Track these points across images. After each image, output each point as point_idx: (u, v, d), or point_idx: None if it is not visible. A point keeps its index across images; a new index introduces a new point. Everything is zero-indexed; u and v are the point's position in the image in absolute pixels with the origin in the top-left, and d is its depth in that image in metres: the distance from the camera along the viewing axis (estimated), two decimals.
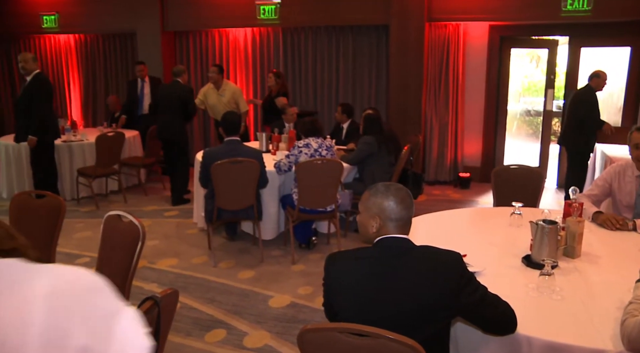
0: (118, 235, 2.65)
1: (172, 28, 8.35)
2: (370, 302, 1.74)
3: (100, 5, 8.63)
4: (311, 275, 4.30)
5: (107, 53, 9.23)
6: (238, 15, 7.82)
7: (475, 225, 3.19)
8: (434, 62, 7.24)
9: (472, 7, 6.78)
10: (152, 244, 4.95)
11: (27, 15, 9.22)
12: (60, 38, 9.52)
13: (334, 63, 7.81)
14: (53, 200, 3.11)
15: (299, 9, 7.51)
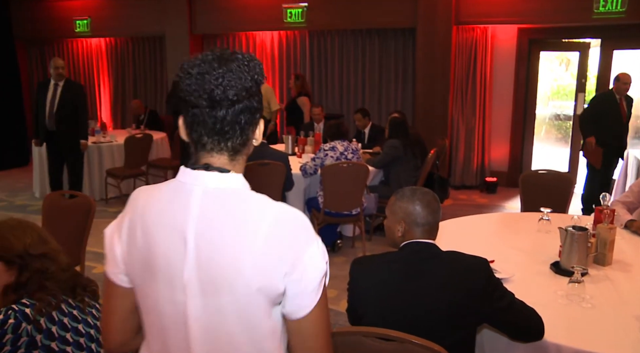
0: None
1: (200, 31, 8.45)
2: (396, 307, 1.73)
3: (130, 9, 8.80)
4: (335, 278, 4.28)
5: (136, 56, 9.40)
6: (265, 18, 7.88)
7: (503, 231, 3.15)
8: (461, 65, 7.18)
9: (500, 10, 6.70)
10: None
11: (61, 20, 9.46)
12: (92, 42, 9.73)
13: (360, 66, 7.80)
14: (84, 201, 3.19)
15: (326, 12, 7.52)
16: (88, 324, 1.65)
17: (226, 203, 1.09)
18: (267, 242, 1.05)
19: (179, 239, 1.08)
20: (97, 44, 9.72)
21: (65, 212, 3.21)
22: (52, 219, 3.22)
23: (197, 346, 1.11)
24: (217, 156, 1.12)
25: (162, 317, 1.13)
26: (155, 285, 1.11)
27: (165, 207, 1.11)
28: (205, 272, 1.06)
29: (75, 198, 3.27)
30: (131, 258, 1.15)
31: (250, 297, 1.06)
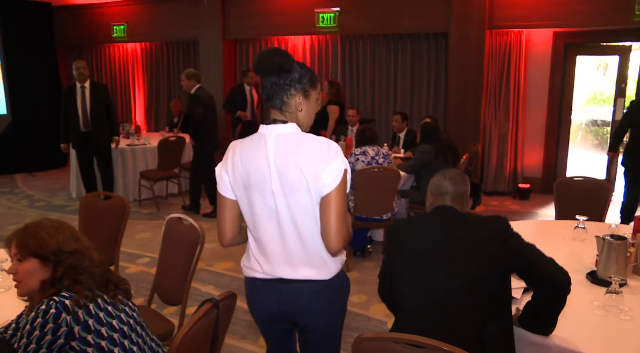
0: (178, 237, 2.73)
1: (233, 36, 8.56)
2: (432, 263, 1.89)
3: (165, 15, 8.97)
4: (365, 283, 4.28)
5: (170, 60, 9.57)
6: (297, 23, 7.93)
7: (536, 238, 3.07)
8: (494, 70, 7.09)
9: (536, 14, 6.59)
10: (210, 247, 5.07)
11: (99, 25, 9.73)
12: (128, 46, 9.95)
13: (392, 71, 7.77)
14: (118, 202, 3.25)
15: (358, 17, 7.53)
16: (121, 321, 1.70)
17: (288, 140, 1.79)
18: (313, 155, 1.75)
19: (265, 165, 1.79)
20: (133, 49, 9.94)
21: (100, 213, 3.28)
22: (88, 219, 3.29)
23: (286, 227, 1.82)
24: (278, 114, 1.84)
25: (261, 217, 1.85)
26: (254, 196, 1.83)
27: (255, 147, 1.82)
28: (285, 181, 1.77)
29: (110, 200, 3.34)
30: (236, 180, 1.85)
31: (308, 190, 1.76)
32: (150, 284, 2.94)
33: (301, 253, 1.84)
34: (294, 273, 1.86)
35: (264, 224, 1.85)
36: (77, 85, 6.02)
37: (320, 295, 1.89)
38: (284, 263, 1.86)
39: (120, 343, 1.66)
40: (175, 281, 2.69)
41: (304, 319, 1.92)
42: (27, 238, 1.70)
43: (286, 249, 1.85)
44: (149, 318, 2.48)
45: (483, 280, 1.82)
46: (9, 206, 6.80)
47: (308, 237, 1.82)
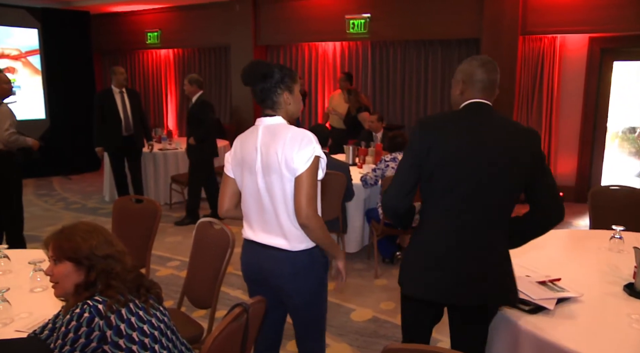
0: (209, 241, 2.76)
1: (264, 42, 8.64)
2: (463, 158, 1.95)
3: (198, 22, 9.12)
4: (394, 290, 4.25)
5: (202, 66, 9.71)
6: (328, 29, 7.96)
7: (570, 248, 3.03)
8: (526, 76, 6.98)
9: (571, 19, 6.48)
10: (239, 251, 5.08)
11: (134, 32, 9.96)
12: (161, 53, 10.15)
13: (422, 77, 7.73)
14: (150, 205, 3.30)
15: (389, 23, 7.52)
16: (152, 326, 1.72)
17: (273, 129, 2.15)
18: (288, 142, 2.07)
19: (254, 149, 2.17)
20: (166, 55, 10.13)
21: (133, 216, 3.33)
22: (121, 222, 3.36)
23: (265, 199, 2.16)
24: (268, 109, 2.20)
25: (247, 191, 2.22)
26: (245, 174, 2.21)
27: (249, 135, 2.23)
28: (264, 162, 2.12)
29: (142, 203, 3.39)
30: (235, 162, 2.26)
31: (282, 172, 2.07)
32: (179, 287, 2.98)
33: (275, 224, 2.16)
34: (269, 240, 2.20)
35: (249, 198, 2.22)
36: (115, 89, 6.16)
37: (288, 262, 2.16)
38: (261, 230, 2.22)
39: (150, 347, 1.68)
40: (205, 284, 2.72)
41: (274, 281, 2.22)
42: (62, 241, 1.73)
43: (264, 219, 2.20)
44: (178, 321, 2.52)
45: (516, 186, 1.99)
46: (46, 208, 6.99)
47: (279, 211, 2.13)
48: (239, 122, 8.84)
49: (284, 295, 2.25)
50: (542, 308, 2.03)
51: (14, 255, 2.70)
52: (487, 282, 1.99)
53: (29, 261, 2.48)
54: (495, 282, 2.00)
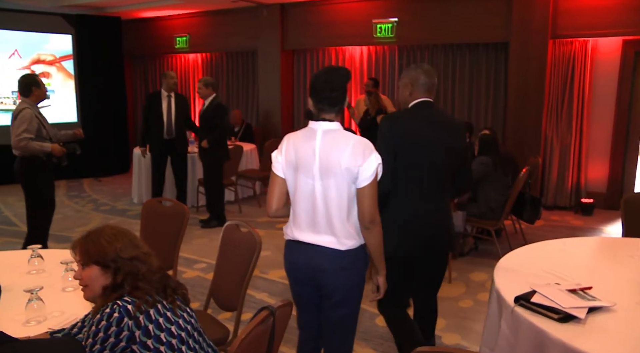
0: (236, 244, 2.78)
1: (291, 47, 8.69)
2: (421, 142, 2.65)
3: (226, 27, 9.22)
4: None
5: (229, 70, 9.81)
6: (355, 33, 7.97)
7: (602, 256, 2.96)
8: (556, 80, 6.87)
9: (604, 22, 6.35)
10: (264, 255, 5.13)
11: (164, 37, 10.13)
12: (189, 57, 10.28)
13: (450, 81, 7.67)
14: (179, 208, 3.34)
15: (416, 27, 7.49)
16: (180, 327, 1.74)
17: (332, 135, 2.26)
18: (351, 151, 2.19)
19: (311, 153, 2.25)
20: (194, 59, 10.26)
21: (161, 218, 3.38)
22: (149, 224, 3.41)
23: (319, 201, 2.26)
24: (327, 114, 2.29)
25: (300, 192, 2.30)
26: (299, 176, 2.29)
27: (306, 138, 2.30)
28: (323, 167, 2.22)
29: (171, 205, 3.44)
30: (288, 163, 2.32)
31: (342, 178, 2.21)
32: (206, 289, 3.00)
33: (325, 224, 2.28)
34: (318, 239, 2.30)
35: (302, 199, 2.30)
36: (164, 93, 6.28)
37: (336, 260, 2.29)
38: (310, 231, 2.31)
39: (178, 349, 1.70)
40: (232, 287, 2.74)
41: (321, 278, 2.33)
42: (88, 246, 1.77)
43: (315, 220, 2.29)
44: (205, 323, 2.54)
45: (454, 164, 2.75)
46: (76, 209, 7.13)
47: (333, 213, 2.25)
48: (267, 125, 8.90)
49: (326, 291, 2.35)
50: (572, 317, 1.99)
51: (47, 254, 2.77)
52: (443, 237, 2.79)
53: (60, 261, 2.54)
54: (447, 235, 2.82)
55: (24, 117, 4.33)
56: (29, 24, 8.85)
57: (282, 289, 4.40)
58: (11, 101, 8.81)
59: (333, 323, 2.40)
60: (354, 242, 2.29)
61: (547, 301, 2.07)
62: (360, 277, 2.38)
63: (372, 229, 2.25)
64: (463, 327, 3.72)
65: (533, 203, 5.18)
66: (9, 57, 8.73)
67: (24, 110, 4.36)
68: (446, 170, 2.69)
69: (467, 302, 4.13)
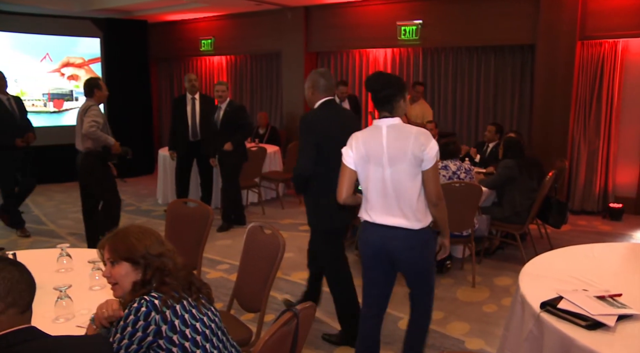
0: (259, 245, 2.80)
1: (315, 49, 8.71)
2: (335, 132, 3.19)
3: (250, 29, 9.29)
4: (443, 299, 4.19)
5: (253, 72, 9.87)
6: (379, 36, 7.95)
7: (632, 263, 2.90)
8: (584, 82, 6.75)
9: (634, 22, 6.19)
10: (287, 256, 5.12)
11: (189, 40, 10.25)
12: (214, 59, 10.38)
13: (475, 84, 7.60)
14: (203, 209, 3.37)
15: (441, 29, 7.44)
16: (204, 324, 1.77)
17: (395, 128, 2.64)
18: (414, 139, 2.58)
19: (379, 145, 2.64)
20: (219, 61, 10.36)
21: (186, 219, 3.41)
22: (174, 225, 3.44)
23: (389, 187, 2.63)
24: (385, 112, 2.68)
25: (372, 180, 2.68)
26: (370, 167, 2.67)
27: (373, 134, 2.68)
28: (392, 156, 2.60)
29: (195, 207, 3.47)
30: (359, 157, 2.69)
31: (409, 163, 2.58)
32: (229, 290, 3.03)
33: (396, 207, 2.64)
34: (391, 221, 2.66)
35: (374, 186, 2.68)
36: (188, 96, 6.37)
37: (408, 239, 2.65)
38: (384, 213, 2.68)
39: (202, 345, 1.73)
40: (255, 288, 2.75)
41: (395, 255, 2.70)
42: (117, 244, 1.83)
43: (387, 204, 2.66)
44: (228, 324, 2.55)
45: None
46: None
47: (402, 196, 2.62)
48: (290, 128, 8.93)
49: (402, 265, 2.76)
50: (600, 325, 1.95)
51: (75, 253, 2.82)
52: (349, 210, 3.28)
53: (88, 260, 2.58)
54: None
55: (93, 110, 4.83)
56: (59, 28, 9.06)
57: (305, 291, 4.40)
58: (42, 103, 9.02)
59: (415, 285, 2.83)
60: (422, 222, 2.65)
61: (574, 307, 2.04)
62: (431, 252, 2.77)
63: (439, 205, 2.67)
64: (487, 332, 3.68)
65: (559, 207, 5.10)
66: (40, 61, 8.93)
67: (92, 106, 4.87)
68: None
69: (491, 306, 4.08)
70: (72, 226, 6.46)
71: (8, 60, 8.57)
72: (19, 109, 5.78)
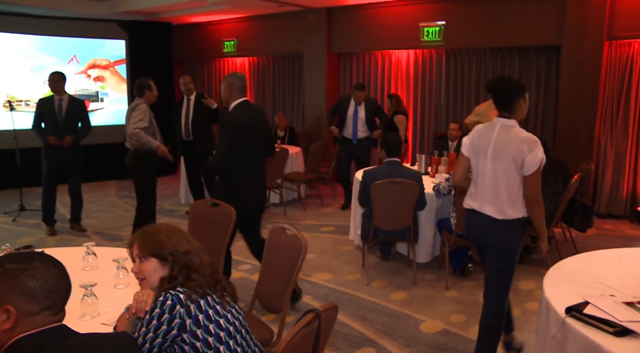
0: (281, 246, 2.81)
1: (337, 50, 8.71)
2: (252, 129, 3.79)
3: (273, 31, 9.34)
4: (465, 303, 4.15)
5: (275, 73, 9.91)
6: (401, 37, 7.92)
7: None
8: (612, 83, 6.62)
9: None
10: (309, 257, 5.13)
11: (212, 41, 10.34)
12: (237, 61, 10.45)
13: None
14: (225, 210, 3.39)
15: (464, 30, 7.38)
16: (228, 321, 1.80)
17: (507, 129, 2.88)
18: (518, 145, 2.79)
19: (488, 140, 2.91)
20: (242, 63, 10.42)
21: (208, 219, 3.44)
22: (197, 225, 3.47)
23: (489, 179, 2.92)
24: (503, 113, 2.93)
25: (477, 171, 2.99)
26: (478, 158, 2.97)
27: (487, 129, 2.96)
28: (495, 152, 2.87)
29: (218, 207, 3.50)
30: (471, 147, 3.01)
31: (508, 164, 2.83)
32: (250, 290, 3.04)
33: (491, 197, 2.94)
34: (486, 209, 2.96)
35: (478, 176, 3.00)
36: (184, 98, 6.50)
37: (494, 226, 2.95)
38: (481, 201, 2.99)
39: (225, 342, 1.75)
40: (276, 289, 2.76)
41: (486, 239, 3.03)
42: (147, 241, 1.87)
43: (484, 193, 2.97)
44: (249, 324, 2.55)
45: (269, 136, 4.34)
46: (126, 209, 7.36)
47: (498, 189, 2.90)
48: (312, 129, 8.94)
49: (489, 248, 3.02)
50: (629, 332, 1.91)
51: (100, 252, 2.87)
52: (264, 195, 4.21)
53: (113, 259, 2.62)
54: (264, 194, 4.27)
55: (140, 110, 5.20)
56: (86, 30, 9.23)
57: (326, 292, 4.41)
58: None
59: (491, 274, 3.05)
60: (511, 214, 2.90)
61: (601, 313, 2.00)
62: (514, 241, 2.96)
63: (535, 209, 2.89)
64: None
65: (584, 211, 5.01)
66: (68, 63, 9.10)
67: (140, 104, 5.24)
68: (265, 147, 4.05)
69: (514, 311, 4.02)
70: (97, 225, 6.56)
71: (37, 62, 8.78)
72: (70, 110, 5.92)
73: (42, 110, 5.84)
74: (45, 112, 5.83)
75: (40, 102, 5.94)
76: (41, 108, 5.85)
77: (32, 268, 1.39)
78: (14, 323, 1.35)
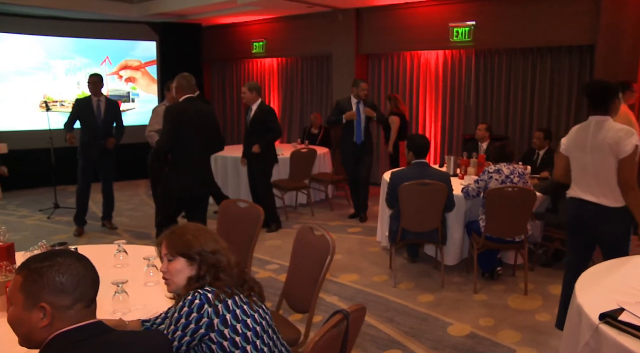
0: (309, 247, 2.81)
1: (366, 51, 8.69)
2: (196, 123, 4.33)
3: (301, 32, 9.37)
4: (494, 306, 4.09)
5: (304, 74, 9.94)
6: (431, 38, 7.85)
7: None
8: None
9: None
10: (336, 258, 5.14)
11: (241, 42, 10.44)
12: (265, 61, 10.52)
13: (529, 86, 7.38)
14: (254, 210, 3.41)
15: (494, 30, 7.28)
16: (255, 321, 1.80)
17: (601, 124, 3.22)
18: (614, 133, 3.13)
19: (586, 137, 3.25)
20: (270, 64, 10.48)
21: (236, 219, 3.46)
22: (225, 224, 3.50)
23: (590, 170, 3.24)
24: (597, 112, 3.25)
25: (578, 164, 3.32)
26: (578, 154, 3.30)
27: (581, 128, 3.32)
28: (594, 145, 3.20)
29: (246, 207, 3.52)
30: (570, 144, 3.36)
31: (607, 153, 3.15)
32: (277, 290, 3.05)
33: (595, 187, 3.23)
34: (591, 198, 3.26)
35: (579, 169, 3.31)
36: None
37: (603, 214, 3.23)
38: (586, 192, 3.28)
39: (252, 342, 1.76)
40: (304, 289, 2.76)
41: (592, 227, 3.30)
42: (175, 240, 1.89)
43: (588, 184, 3.26)
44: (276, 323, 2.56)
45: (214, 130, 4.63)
46: (153, 206, 7.45)
47: (601, 179, 3.19)
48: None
49: (599, 237, 3.32)
50: None
51: (130, 250, 2.92)
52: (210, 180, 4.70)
53: (143, 257, 2.66)
54: (210, 181, 4.70)
55: (155, 112, 5.68)
56: (118, 32, 9.43)
57: (352, 293, 4.40)
58: None
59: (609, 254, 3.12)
60: (616, 203, 3.17)
61: (637, 320, 1.95)
62: (624, 226, 3.24)
63: (630, 194, 3.12)
64: (539, 341, 3.56)
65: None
66: (100, 64, 9.30)
67: (157, 107, 5.66)
68: (212, 138, 4.48)
69: (544, 315, 3.95)
70: (127, 223, 6.67)
71: (71, 63, 9.01)
72: (108, 111, 6.04)
73: (79, 111, 5.95)
74: (83, 112, 5.94)
75: (78, 103, 6.03)
76: (79, 109, 5.96)
77: (56, 264, 1.42)
78: (51, 320, 1.39)
